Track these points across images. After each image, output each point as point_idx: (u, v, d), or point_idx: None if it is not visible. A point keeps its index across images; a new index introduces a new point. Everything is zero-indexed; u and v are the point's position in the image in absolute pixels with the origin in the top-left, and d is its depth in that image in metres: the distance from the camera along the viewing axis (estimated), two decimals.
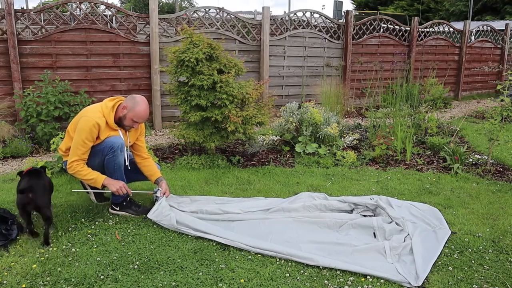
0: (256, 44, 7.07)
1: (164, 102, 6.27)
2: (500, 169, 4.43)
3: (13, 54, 5.19)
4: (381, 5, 25.42)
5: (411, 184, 3.99)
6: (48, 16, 5.79)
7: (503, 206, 3.43)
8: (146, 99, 3.13)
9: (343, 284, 2.33)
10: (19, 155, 4.88)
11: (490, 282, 2.35)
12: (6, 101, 5.26)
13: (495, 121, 4.33)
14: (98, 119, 2.94)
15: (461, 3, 21.94)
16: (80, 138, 2.92)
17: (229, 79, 4.20)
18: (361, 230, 2.91)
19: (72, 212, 3.15)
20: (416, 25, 8.87)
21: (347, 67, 8.07)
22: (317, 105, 5.49)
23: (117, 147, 2.98)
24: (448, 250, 2.69)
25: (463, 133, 6.19)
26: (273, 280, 2.36)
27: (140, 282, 2.32)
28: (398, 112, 5.60)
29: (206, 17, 7.06)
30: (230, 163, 4.50)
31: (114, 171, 3.04)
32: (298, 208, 3.20)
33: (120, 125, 3.07)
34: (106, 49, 5.84)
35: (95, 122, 2.92)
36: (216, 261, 2.54)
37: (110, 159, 3.00)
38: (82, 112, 3.05)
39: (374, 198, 3.32)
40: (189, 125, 4.40)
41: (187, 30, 4.38)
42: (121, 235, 2.86)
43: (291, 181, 4.05)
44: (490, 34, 10.71)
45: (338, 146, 5.06)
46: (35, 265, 2.46)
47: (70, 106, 5.35)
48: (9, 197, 3.50)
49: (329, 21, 8.04)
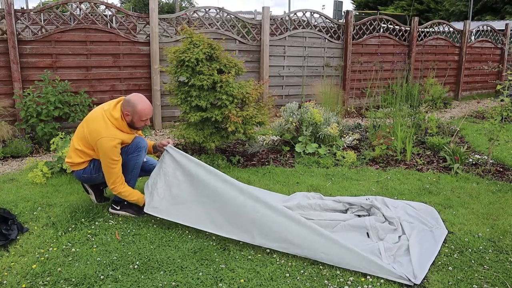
0: (256, 44, 7.07)
1: (164, 102, 6.28)
2: (500, 169, 4.43)
3: (13, 54, 5.19)
4: (381, 5, 25.41)
5: (411, 184, 3.99)
6: (48, 16, 5.79)
7: (503, 206, 3.43)
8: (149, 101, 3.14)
9: (343, 284, 2.33)
10: (19, 155, 4.88)
11: (490, 282, 2.35)
12: (6, 101, 5.26)
13: (495, 121, 4.33)
14: (117, 135, 2.96)
15: (461, 3, 21.93)
16: (109, 159, 2.95)
17: (229, 79, 4.20)
18: (354, 230, 2.89)
19: (72, 212, 3.15)
20: (416, 25, 8.87)
21: (347, 67, 8.07)
22: (317, 105, 5.49)
23: (142, 147, 3.13)
24: (448, 250, 2.69)
25: (463, 133, 6.19)
26: (273, 280, 2.36)
27: (140, 282, 2.32)
28: (398, 112, 5.60)
29: (206, 17, 7.05)
30: (230, 163, 4.50)
31: (133, 169, 3.14)
32: (292, 207, 3.15)
33: (133, 127, 3.10)
34: (106, 49, 5.84)
35: (117, 140, 2.95)
36: (216, 261, 2.54)
37: (133, 158, 3.09)
38: (94, 133, 2.95)
39: (370, 198, 3.32)
40: (189, 125, 4.40)
41: (187, 30, 4.38)
42: (121, 235, 2.86)
43: (291, 181, 4.05)
44: (490, 34, 10.71)
45: (338, 146, 5.06)
46: (35, 265, 2.46)
47: (70, 106, 5.35)
48: (9, 197, 3.50)
49: (329, 21, 8.04)
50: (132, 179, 3.16)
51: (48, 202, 3.40)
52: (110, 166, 2.97)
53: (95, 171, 3.11)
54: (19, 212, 3.18)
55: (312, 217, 3.02)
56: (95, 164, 3.10)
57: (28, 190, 3.70)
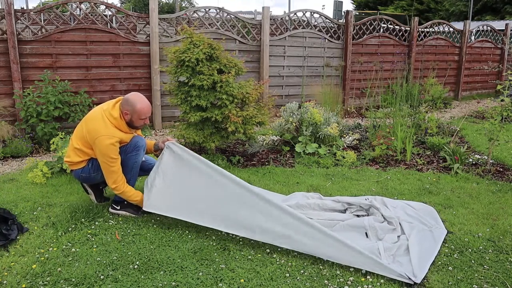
0: (256, 44, 7.07)
1: (164, 102, 6.28)
2: (500, 169, 4.43)
3: (13, 54, 5.19)
4: (381, 5, 25.41)
5: (411, 184, 3.99)
6: (48, 16, 5.79)
7: (503, 206, 3.43)
8: (147, 100, 3.15)
9: (343, 284, 2.33)
10: (19, 155, 4.88)
11: (490, 282, 2.35)
12: (6, 101, 5.26)
13: (495, 121, 4.33)
14: (115, 133, 2.97)
15: (461, 3, 21.93)
16: (108, 157, 2.95)
17: (229, 79, 4.20)
18: (353, 230, 2.89)
19: (72, 212, 3.15)
20: (416, 25, 8.87)
21: (347, 67, 8.07)
22: (317, 105, 5.49)
23: (140, 146, 3.12)
24: (448, 250, 2.69)
25: (463, 133, 6.19)
26: (273, 280, 2.36)
27: (140, 282, 2.32)
28: (398, 112, 5.60)
29: (206, 17, 7.06)
30: (230, 163, 4.50)
31: (132, 169, 3.13)
32: (291, 207, 3.11)
33: (132, 126, 3.10)
34: (106, 49, 5.84)
35: (115, 138, 2.95)
36: (216, 261, 2.54)
37: (132, 157, 3.09)
38: (93, 133, 2.96)
39: (369, 198, 3.32)
40: (189, 125, 4.40)
41: (187, 30, 4.38)
42: (121, 235, 2.86)
43: (291, 181, 4.05)
44: (490, 34, 10.71)
45: (338, 146, 5.06)
46: (35, 265, 2.46)
47: (70, 106, 5.35)
48: (9, 197, 3.50)
49: (329, 21, 8.04)
50: (132, 178, 3.17)
51: (48, 202, 3.40)
52: (110, 165, 2.97)
53: (94, 170, 3.11)
54: (19, 212, 3.18)
55: (311, 216, 3.02)
56: (94, 163, 3.10)
57: (28, 190, 3.70)
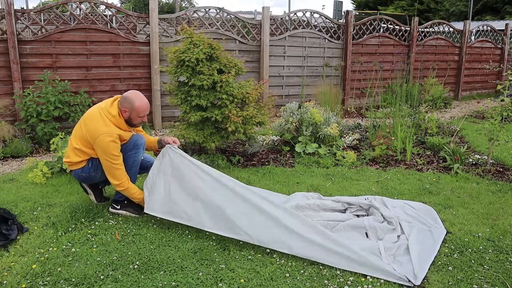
0: (256, 44, 7.07)
1: (164, 102, 6.28)
2: (500, 169, 4.43)
3: (13, 54, 5.19)
4: (381, 5, 25.41)
5: (411, 184, 3.99)
6: (48, 16, 5.79)
7: (503, 206, 3.43)
8: (147, 99, 3.15)
9: (343, 284, 2.33)
10: (19, 155, 4.88)
11: (490, 282, 2.36)
12: (6, 101, 5.26)
13: (495, 121, 4.33)
14: (115, 131, 2.98)
15: (461, 3, 21.93)
16: (110, 155, 2.95)
17: (229, 79, 4.20)
18: (353, 230, 2.89)
19: (72, 212, 3.15)
20: (416, 25, 8.87)
21: (347, 67, 8.07)
22: (317, 105, 5.49)
23: (140, 144, 3.13)
24: (448, 250, 2.69)
25: (463, 133, 6.19)
26: (273, 280, 2.36)
27: (140, 282, 2.32)
28: (398, 112, 5.60)
29: (206, 17, 7.05)
30: (230, 163, 4.50)
31: (132, 167, 3.14)
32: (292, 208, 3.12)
33: (131, 124, 3.11)
34: (106, 49, 5.84)
35: (115, 136, 2.95)
36: (216, 261, 2.54)
37: (131, 155, 3.10)
38: (93, 132, 2.96)
39: (369, 198, 3.32)
40: (189, 125, 4.40)
41: (187, 30, 4.38)
42: (121, 235, 2.86)
43: (291, 181, 4.05)
44: (490, 34, 10.71)
45: (338, 146, 5.06)
46: (35, 265, 2.46)
47: (70, 106, 5.35)
48: (9, 197, 3.50)
49: (329, 21, 8.04)
50: (132, 176, 3.17)
51: (48, 202, 3.40)
52: (112, 163, 2.97)
53: (94, 169, 3.11)
54: (19, 212, 3.18)
55: (310, 217, 3.02)
56: (94, 163, 3.10)
57: (28, 190, 3.70)
